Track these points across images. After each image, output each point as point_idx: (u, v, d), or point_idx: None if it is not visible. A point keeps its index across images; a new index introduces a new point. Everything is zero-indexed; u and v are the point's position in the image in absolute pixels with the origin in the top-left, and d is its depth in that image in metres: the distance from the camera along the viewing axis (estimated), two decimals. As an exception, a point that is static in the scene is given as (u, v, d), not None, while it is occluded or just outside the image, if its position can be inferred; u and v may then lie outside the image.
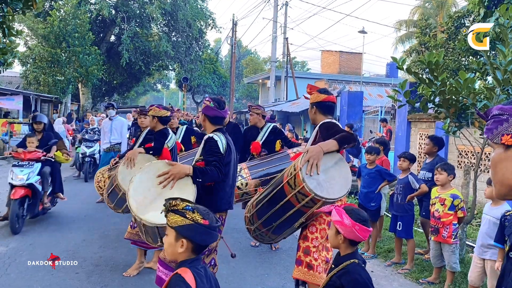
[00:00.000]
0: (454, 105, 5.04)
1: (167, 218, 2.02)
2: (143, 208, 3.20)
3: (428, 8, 25.54)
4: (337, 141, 3.21)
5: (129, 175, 4.59)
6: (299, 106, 19.91)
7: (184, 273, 1.94)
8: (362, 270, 2.32)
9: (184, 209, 2.00)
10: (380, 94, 21.04)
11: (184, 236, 1.97)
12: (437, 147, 5.58)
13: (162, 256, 3.43)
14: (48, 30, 19.01)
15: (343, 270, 2.33)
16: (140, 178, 3.33)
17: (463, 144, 6.35)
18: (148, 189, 3.27)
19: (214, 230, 2.05)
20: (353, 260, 2.34)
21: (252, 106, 6.28)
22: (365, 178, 5.93)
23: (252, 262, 5.44)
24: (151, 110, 5.05)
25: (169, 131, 5.15)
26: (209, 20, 27.92)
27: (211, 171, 3.27)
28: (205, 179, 3.30)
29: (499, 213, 3.92)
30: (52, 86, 19.53)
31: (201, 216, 2.00)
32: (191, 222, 1.97)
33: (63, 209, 7.75)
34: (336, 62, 30.59)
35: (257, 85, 39.39)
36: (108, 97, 31.70)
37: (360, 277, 2.28)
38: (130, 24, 24.42)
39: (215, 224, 2.06)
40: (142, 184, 3.30)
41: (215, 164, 3.28)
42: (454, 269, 4.66)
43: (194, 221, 1.98)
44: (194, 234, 1.97)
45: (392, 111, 14.05)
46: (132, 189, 3.28)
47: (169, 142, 5.06)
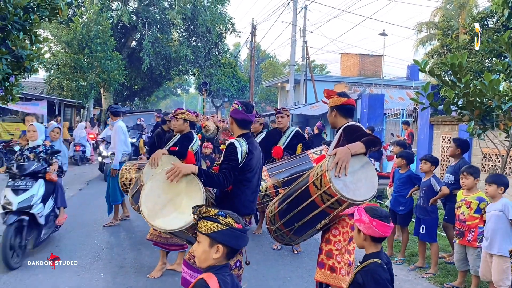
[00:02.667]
0: (478, 107, 4.96)
1: (199, 225, 2.04)
2: (153, 215, 3.28)
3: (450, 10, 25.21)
4: (364, 144, 3.22)
5: None
6: (319, 109, 19.84)
7: (209, 278, 1.96)
8: (382, 271, 2.36)
9: (217, 214, 2.03)
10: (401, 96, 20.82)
11: (220, 242, 2.00)
12: (460, 149, 5.51)
13: (187, 258, 3.47)
14: (71, 37, 19.41)
15: (365, 268, 2.40)
16: (151, 185, 3.40)
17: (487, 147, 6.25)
18: (158, 196, 3.34)
19: (246, 233, 2.08)
20: (375, 260, 2.39)
21: (283, 108, 6.24)
22: (396, 183, 5.95)
23: (274, 265, 5.45)
24: (183, 114, 5.18)
25: (193, 135, 5.24)
26: (228, 25, 28.10)
27: (216, 177, 3.29)
28: (207, 182, 3.34)
29: (500, 205, 4.20)
30: (75, 91, 19.91)
31: (234, 220, 2.03)
32: (225, 227, 2.00)
33: (89, 210, 7.90)
34: (356, 64, 30.39)
35: (276, 89, 39.40)
36: (130, 102, 32.18)
37: (379, 277, 2.33)
38: (151, 29, 24.77)
39: (247, 228, 2.09)
40: (153, 191, 3.37)
41: (224, 172, 3.31)
42: (478, 273, 4.59)
43: (228, 226, 2.01)
44: (229, 239, 2.00)
45: (414, 113, 13.89)
46: (144, 196, 3.35)
47: (194, 146, 5.14)
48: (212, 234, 2.00)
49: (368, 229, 2.41)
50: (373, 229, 2.39)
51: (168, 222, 3.23)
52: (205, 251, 2.01)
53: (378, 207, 2.49)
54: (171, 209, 3.29)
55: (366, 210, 2.45)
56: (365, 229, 2.42)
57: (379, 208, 2.47)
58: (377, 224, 2.38)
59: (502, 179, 4.31)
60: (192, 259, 3.42)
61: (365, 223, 2.41)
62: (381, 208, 2.48)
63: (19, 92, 7.87)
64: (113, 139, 7.19)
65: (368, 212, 2.43)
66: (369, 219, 2.40)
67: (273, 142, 5.94)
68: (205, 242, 2.01)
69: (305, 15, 27.04)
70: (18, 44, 6.55)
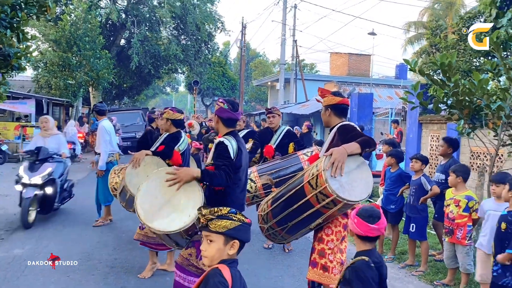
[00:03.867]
0: (467, 107, 5.02)
1: (211, 225, 2.09)
2: (150, 216, 3.23)
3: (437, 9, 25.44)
4: (360, 145, 3.24)
5: (136, 176, 4.63)
6: (309, 108, 19.89)
7: (223, 268, 2.05)
8: (367, 268, 2.40)
9: (229, 212, 2.12)
10: (390, 96, 20.94)
11: (235, 237, 2.10)
12: (451, 148, 5.56)
13: (180, 261, 3.43)
14: (59, 35, 19.16)
15: (352, 265, 2.46)
16: (147, 186, 3.36)
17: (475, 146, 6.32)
18: (155, 197, 3.29)
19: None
20: (363, 257, 2.44)
21: (274, 107, 6.24)
22: (387, 181, 6.02)
23: (265, 264, 5.46)
24: (166, 113, 5.02)
25: (181, 135, 5.09)
26: (218, 24, 28.00)
27: (219, 175, 3.26)
28: (212, 182, 3.31)
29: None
30: (63, 89, 19.67)
31: (243, 216, 2.15)
32: (239, 223, 2.10)
33: (77, 210, 7.84)
34: (345, 64, 30.49)
35: (266, 88, 39.41)
36: (119, 101, 31.96)
37: (363, 275, 2.38)
38: (140, 27, 24.61)
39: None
40: (149, 192, 3.32)
41: (224, 168, 3.28)
42: (468, 271, 4.65)
43: (241, 222, 2.11)
44: (243, 234, 2.13)
45: (402, 112, 13.99)
46: (139, 197, 3.31)
47: (181, 146, 5.01)
48: (227, 231, 2.08)
49: (351, 225, 2.50)
50: (353, 226, 2.46)
51: (167, 224, 3.18)
52: (219, 249, 2.09)
53: (371, 207, 2.50)
54: (169, 210, 3.24)
55: (358, 208, 2.50)
56: (350, 225, 2.53)
57: (371, 208, 2.49)
58: (357, 222, 2.44)
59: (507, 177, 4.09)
60: (185, 262, 3.39)
61: (351, 220, 2.52)
62: (373, 209, 2.48)
63: (7, 90, 7.77)
64: (97, 140, 7.06)
65: (359, 210, 2.49)
66: (353, 216, 2.49)
67: (264, 141, 5.92)
68: (220, 240, 2.09)
69: (294, 14, 27.11)
70: (5, 42, 6.47)
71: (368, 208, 2.47)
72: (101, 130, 6.92)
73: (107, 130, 6.89)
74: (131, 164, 4.70)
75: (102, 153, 6.86)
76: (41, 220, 6.92)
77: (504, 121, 4.68)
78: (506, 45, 6.33)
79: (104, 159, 6.82)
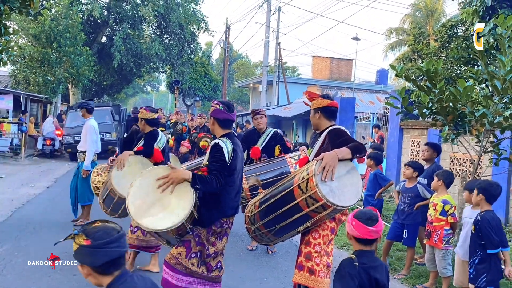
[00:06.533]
0: (452, 113, 5.11)
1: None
2: (141, 213, 3.21)
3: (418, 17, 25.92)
4: (351, 150, 3.25)
5: (123, 177, 4.60)
6: (291, 111, 19.97)
7: None
8: (349, 266, 2.43)
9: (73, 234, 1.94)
10: (371, 100, 21.20)
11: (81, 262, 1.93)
12: (436, 153, 5.66)
13: (169, 259, 3.41)
14: (39, 30, 18.80)
15: (340, 262, 2.52)
16: (140, 183, 3.34)
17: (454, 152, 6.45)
18: (147, 194, 3.28)
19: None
20: (350, 256, 2.49)
21: (260, 109, 6.23)
22: (368, 184, 6.13)
23: (250, 266, 5.44)
24: (139, 113, 5.11)
25: (158, 132, 5.15)
26: (202, 24, 27.89)
27: (210, 180, 3.24)
28: (203, 187, 3.29)
29: None
30: (42, 86, 19.30)
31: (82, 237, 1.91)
32: (77, 246, 1.90)
33: (58, 209, 7.68)
34: (327, 68, 30.74)
35: (248, 89, 39.42)
36: (98, 98, 31.48)
37: (343, 271, 2.43)
38: (122, 25, 24.31)
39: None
40: (142, 189, 3.30)
41: (215, 173, 3.26)
42: (444, 274, 4.72)
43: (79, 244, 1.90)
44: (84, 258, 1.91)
45: (383, 117, 14.17)
46: (131, 194, 3.29)
47: (159, 143, 5.07)
48: (74, 255, 1.94)
49: (348, 227, 2.51)
50: (351, 228, 2.47)
51: (156, 222, 3.17)
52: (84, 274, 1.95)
53: (369, 210, 2.52)
54: (159, 208, 3.23)
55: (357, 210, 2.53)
56: (347, 227, 2.54)
57: (369, 211, 2.51)
58: (356, 224, 2.45)
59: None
60: (173, 260, 3.37)
61: (348, 222, 2.52)
62: (371, 212, 2.51)
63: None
64: (83, 137, 6.78)
65: (355, 212, 2.51)
66: (351, 219, 2.50)
67: (250, 143, 5.91)
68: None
69: (278, 17, 27.19)
70: (-14, 36, 6.31)
71: (366, 211, 2.49)
72: (90, 129, 6.70)
73: (96, 130, 6.76)
74: (115, 166, 4.68)
75: (88, 152, 6.66)
76: (19, 219, 6.76)
77: (488, 128, 4.78)
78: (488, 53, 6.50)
79: (90, 159, 6.66)
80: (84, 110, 6.79)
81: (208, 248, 3.37)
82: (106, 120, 16.67)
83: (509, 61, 4.43)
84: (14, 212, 7.63)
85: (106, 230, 1.92)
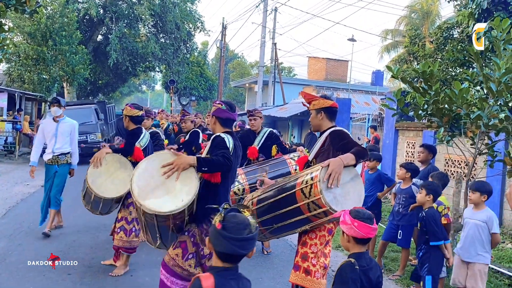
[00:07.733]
0: (447, 115, 5.13)
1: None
2: (144, 194, 3.18)
3: (414, 19, 26.03)
4: (355, 156, 3.23)
5: (99, 176, 4.60)
6: (287, 111, 19.99)
7: (205, 278, 1.91)
8: (350, 270, 2.44)
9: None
10: (367, 102, 21.27)
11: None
12: (432, 154, 5.68)
13: (167, 260, 3.39)
14: (34, 28, 18.69)
15: (339, 266, 2.51)
16: (145, 165, 3.32)
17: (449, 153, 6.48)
18: (152, 177, 3.24)
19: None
20: (350, 259, 2.48)
21: (255, 110, 6.22)
22: (366, 183, 6.04)
23: (245, 265, 5.41)
24: (124, 110, 5.05)
25: (141, 131, 5.08)
26: (198, 23, 27.85)
27: (216, 160, 3.19)
28: (210, 167, 3.24)
29: (485, 216, 4.22)
30: (37, 84, 19.18)
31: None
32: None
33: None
34: (322, 69, 30.81)
35: (244, 89, 39.43)
36: (93, 97, 31.35)
37: (345, 275, 2.43)
38: (119, 24, 24.23)
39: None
40: (147, 172, 3.27)
41: (222, 153, 3.22)
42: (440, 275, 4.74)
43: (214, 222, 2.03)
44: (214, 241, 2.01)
45: (379, 118, 14.22)
46: (136, 175, 3.25)
47: (142, 141, 5.02)
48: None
49: (350, 229, 2.48)
50: (354, 229, 2.45)
51: (159, 204, 3.13)
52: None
53: (362, 209, 2.53)
54: (163, 192, 3.20)
55: (350, 212, 2.51)
56: (347, 230, 2.50)
57: (363, 210, 2.52)
58: (359, 225, 2.45)
59: (485, 186, 4.33)
60: (171, 262, 3.35)
61: (348, 224, 2.49)
62: (365, 210, 2.52)
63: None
64: (64, 138, 6.36)
65: (351, 213, 2.50)
66: (351, 220, 2.47)
67: (246, 143, 5.91)
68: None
69: (275, 17, 27.22)
70: (-17, 34, 6.27)
71: (361, 211, 2.50)
72: (75, 130, 6.54)
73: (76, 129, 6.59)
74: (92, 164, 4.64)
75: (76, 153, 6.55)
76: (13, 218, 6.72)
77: (483, 130, 4.80)
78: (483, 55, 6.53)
79: (77, 159, 6.58)
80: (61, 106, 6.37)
81: (203, 249, 3.36)
82: (90, 119, 15.42)
83: (504, 63, 4.46)
84: (8, 210, 7.60)
85: (240, 226, 1.93)
